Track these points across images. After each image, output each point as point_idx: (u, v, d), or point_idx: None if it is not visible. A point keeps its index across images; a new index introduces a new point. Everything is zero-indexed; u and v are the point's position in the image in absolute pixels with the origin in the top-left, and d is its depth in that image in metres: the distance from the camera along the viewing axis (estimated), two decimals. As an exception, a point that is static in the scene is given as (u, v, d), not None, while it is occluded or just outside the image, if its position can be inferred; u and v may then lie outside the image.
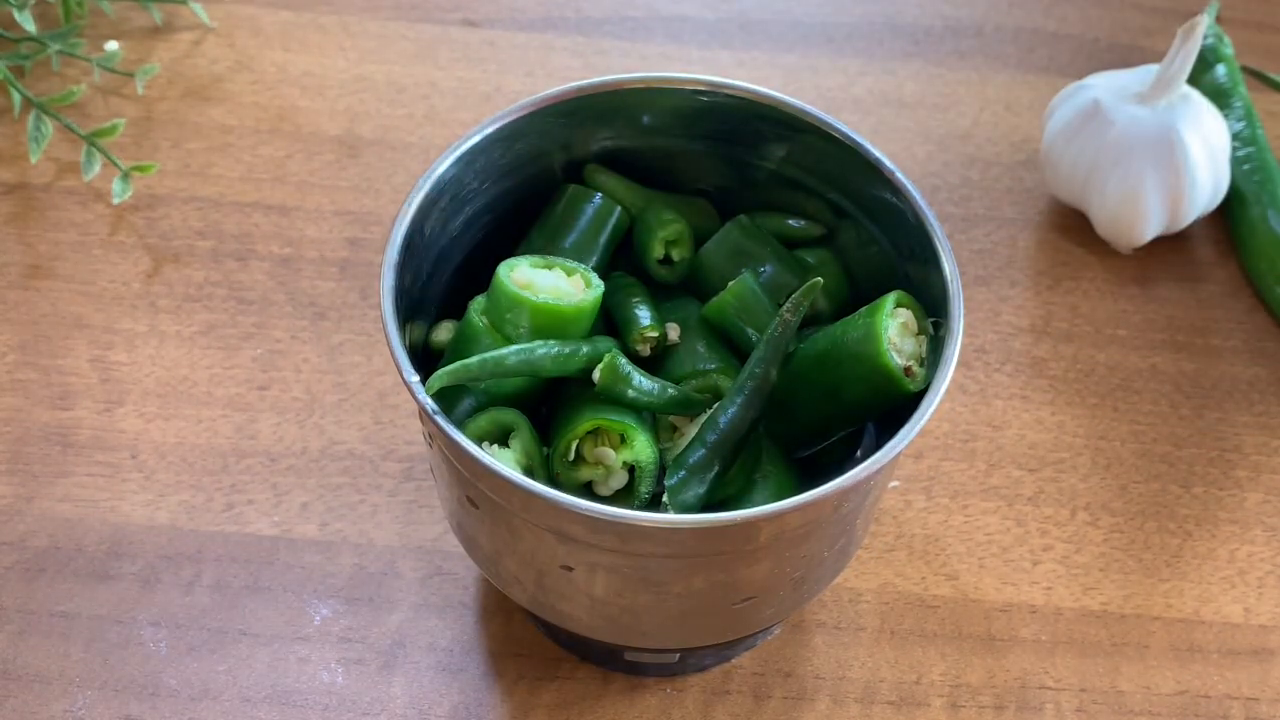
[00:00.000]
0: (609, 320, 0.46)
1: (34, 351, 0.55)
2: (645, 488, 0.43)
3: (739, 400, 0.44)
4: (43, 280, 0.58)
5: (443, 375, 0.41)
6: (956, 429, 0.55)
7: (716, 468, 0.43)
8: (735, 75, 0.57)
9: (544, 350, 0.43)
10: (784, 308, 0.44)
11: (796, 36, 0.68)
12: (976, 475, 0.54)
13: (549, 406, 0.45)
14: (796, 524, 0.41)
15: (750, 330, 0.46)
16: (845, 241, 0.49)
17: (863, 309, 0.44)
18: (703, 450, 0.43)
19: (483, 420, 0.43)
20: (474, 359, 0.42)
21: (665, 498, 0.42)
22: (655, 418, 0.45)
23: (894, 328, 0.43)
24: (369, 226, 0.60)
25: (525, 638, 0.49)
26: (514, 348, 0.42)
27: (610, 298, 0.46)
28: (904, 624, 0.50)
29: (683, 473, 0.43)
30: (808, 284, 0.44)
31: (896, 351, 0.43)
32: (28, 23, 0.61)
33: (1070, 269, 0.60)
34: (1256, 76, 0.66)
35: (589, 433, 0.43)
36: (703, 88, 0.47)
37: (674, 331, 0.46)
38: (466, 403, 0.43)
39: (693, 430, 0.44)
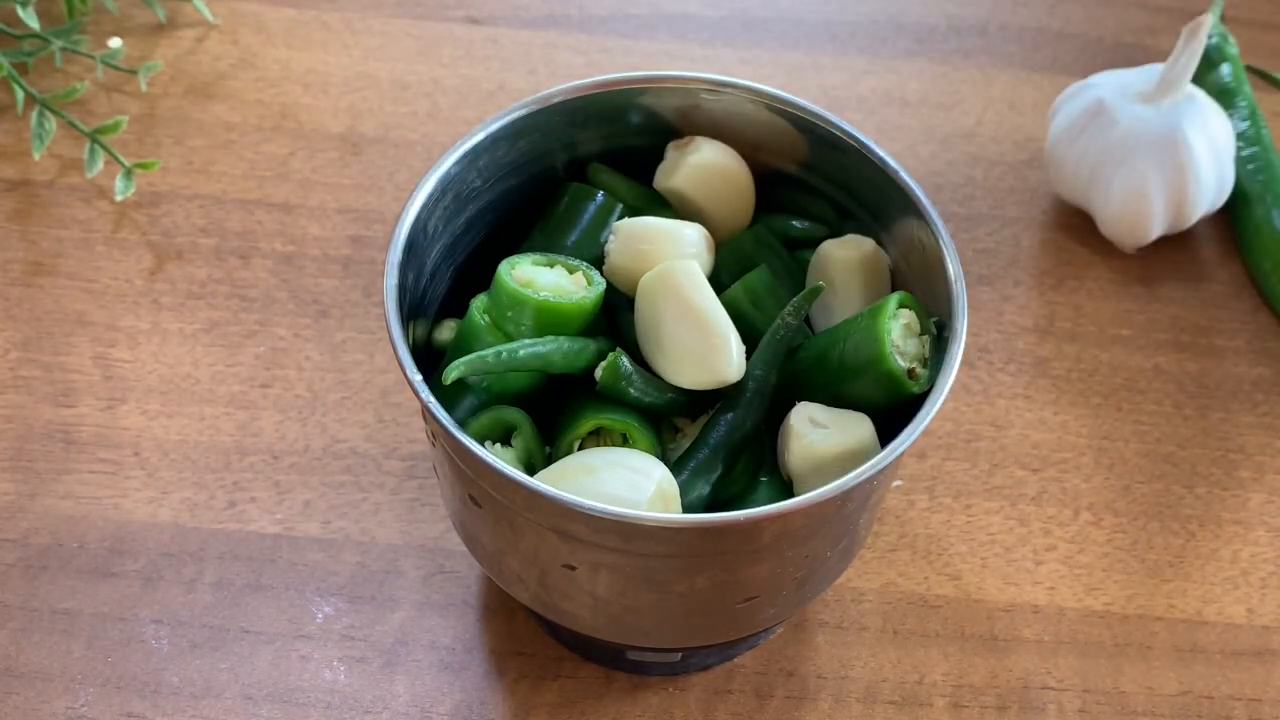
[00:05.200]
0: (611, 319, 0.46)
1: (36, 348, 0.55)
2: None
3: (741, 402, 0.44)
4: (45, 277, 0.58)
5: (459, 366, 0.41)
6: (959, 429, 0.55)
7: (720, 469, 0.43)
8: (738, 73, 0.57)
9: (554, 345, 0.43)
10: (785, 310, 0.44)
11: (800, 35, 0.68)
12: (979, 475, 0.54)
13: (552, 406, 0.45)
14: (799, 524, 0.41)
15: (760, 324, 0.45)
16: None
17: (865, 310, 0.44)
18: (706, 451, 0.43)
19: (485, 419, 0.43)
20: (489, 351, 0.42)
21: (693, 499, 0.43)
22: (658, 418, 0.45)
23: (897, 329, 0.43)
24: (372, 224, 0.60)
25: (527, 636, 0.49)
26: (525, 341, 0.42)
27: (611, 297, 0.46)
28: (906, 624, 0.50)
29: (687, 473, 0.43)
30: (810, 288, 0.44)
31: (900, 353, 0.43)
32: (31, 19, 0.61)
33: (1074, 268, 0.60)
34: (1261, 76, 0.66)
35: (591, 432, 0.43)
36: (706, 86, 0.47)
37: None
38: (469, 401, 0.43)
39: (695, 431, 0.44)
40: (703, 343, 0.42)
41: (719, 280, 0.46)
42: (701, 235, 0.45)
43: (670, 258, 0.44)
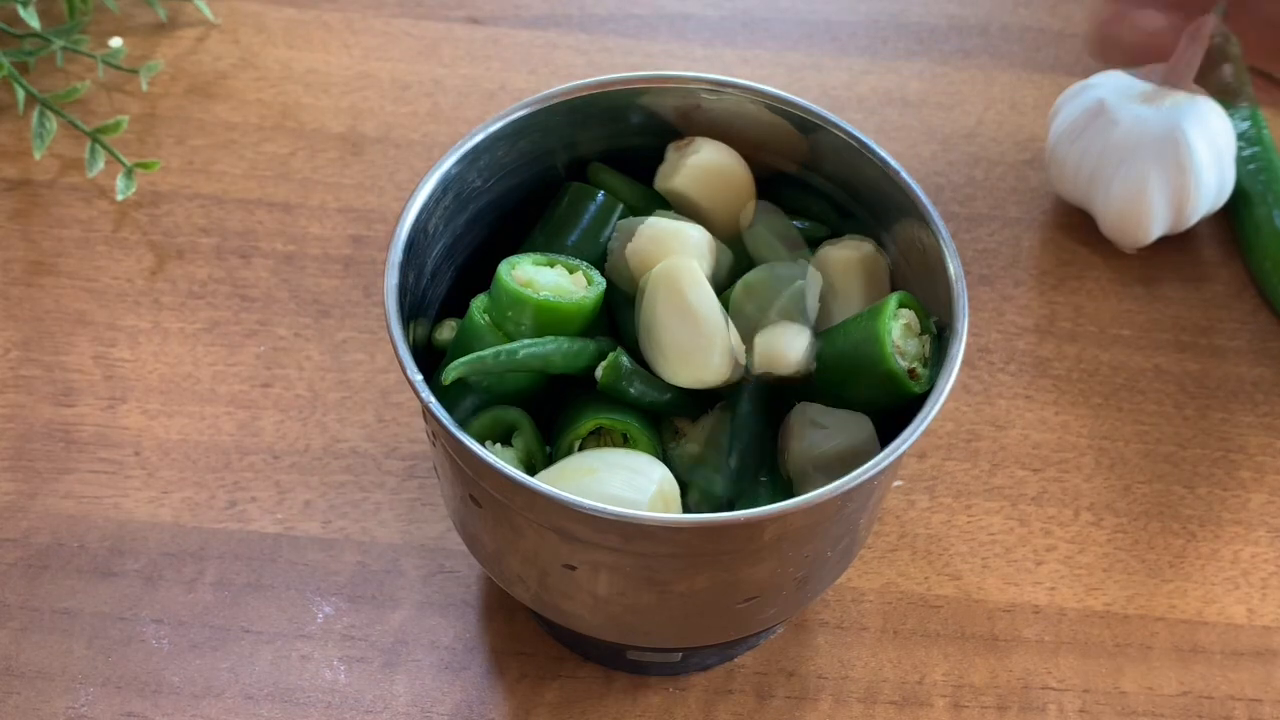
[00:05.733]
0: (611, 319, 0.46)
1: (37, 348, 0.55)
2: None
3: (742, 403, 0.44)
4: (46, 277, 0.58)
5: (458, 366, 0.41)
6: (960, 429, 0.55)
7: (737, 466, 0.43)
8: (739, 73, 0.57)
9: (554, 345, 0.43)
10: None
11: (801, 34, 0.68)
12: (980, 475, 0.54)
13: (552, 406, 0.45)
14: (800, 524, 0.41)
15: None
16: (849, 241, 0.49)
17: (866, 311, 0.44)
18: (726, 452, 0.43)
19: (486, 419, 0.43)
20: (488, 351, 0.42)
21: (695, 499, 0.43)
22: (659, 418, 0.45)
23: (897, 330, 0.43)
24: (372, 224, 0.60)
25: (528, 636, 0.49)
26: (525, 341, 0.42)
27: (612, 296, 0.46)
28: (907, 624, 0.50)
29: (711, 474, 0.43)
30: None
31: (900, 354, 0.43)
32: (32, 19, 0.61)
33: (1075, 269, 0.60)
34: (1263, 76, 0.66)
35: (591, 432, 0.43)
36: (706, 86, 0.47)
37: None
38: (469, 401, 0.43)
39: (696, 432, 0.44)
40: (695, 342, 0.43)
41: (719, 280, 0.46)
42: (706, 238, 0.45)
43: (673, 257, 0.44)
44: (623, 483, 0.40)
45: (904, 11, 0.70)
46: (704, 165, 0.47)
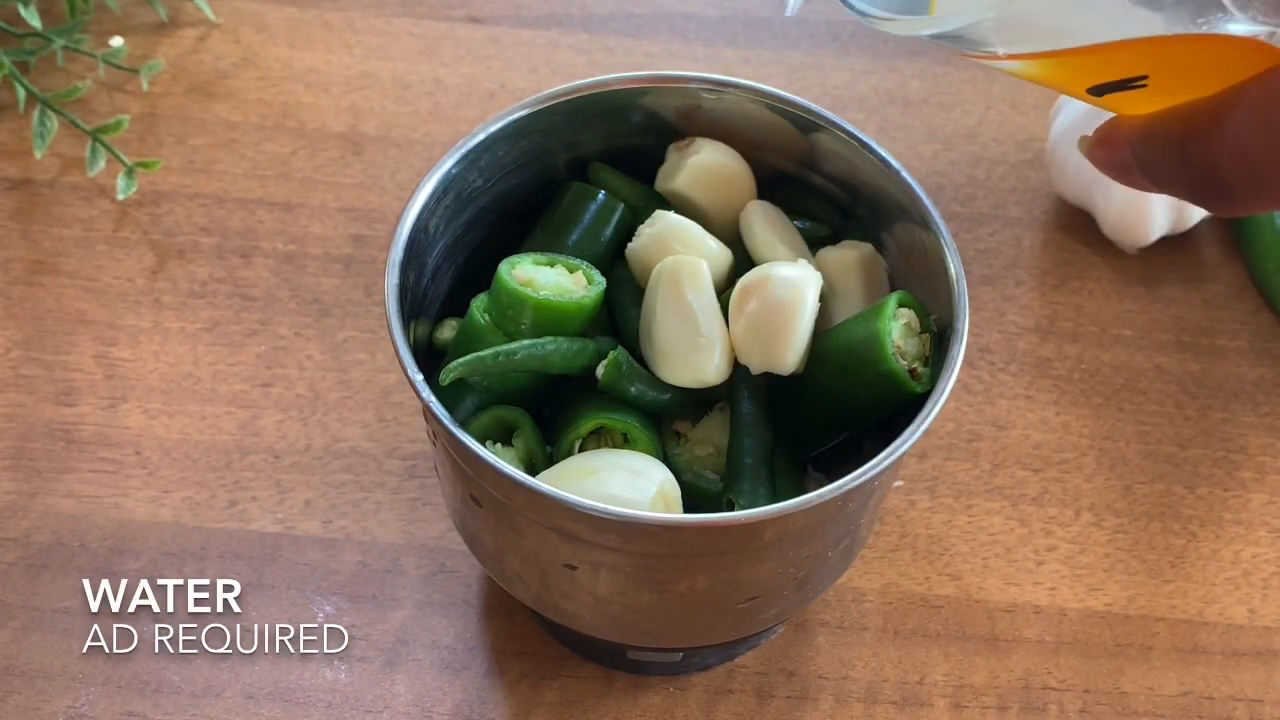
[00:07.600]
0: (612, 319, 0.46)
1: (38, 347, 0.55)
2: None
3: (746, 403, 0.44)
4: (47, 276, 0.58)
5: (457, 366, 0.41)
6: (961, 429, 0.55)
7: (738, 467, 0.43)
8: (740, 73, 0.57)
9: (553, 346, 0.43)
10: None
11: (801, 34, 0.68)
12: (981, 475, 0.54)
13: (552, 405, 0.45)
14: (800, 524, 0.41)
15: None
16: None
17: (865, 311, 0.44)
18: (726, 453, 0.43)
19: (486, 419, 0.43)
20: (487, 351, 0.42)
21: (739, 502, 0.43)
22: (659, 419, 0.45)
23: (897, 330, 0.43)
24: (373, 224, 0.60)
25: (528, 636, 0.49)
26: (524, 342, 0.42)
27: (613, 295, 0.46)
28: (907, 624, 0.50)
29: (712, 475, 0.43)
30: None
31: (900, 354, 0.43)
32: (33, 18, 0.61)
33: (1076, 269, 0.60)
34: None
35: (592, 432, 0.43)
36: (707, 86, 0.47)
37: None
38: (470, 401, 0.43)
39: (698, 435, 0.44)
40: (689, 341, 0.43)
41: (719, 281, 0.46)
42: (723, 253, 0.46)
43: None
44: (624, 483, 0.40)
45: (905, 11, 0.69)
46: (705, 165, 0.47)
